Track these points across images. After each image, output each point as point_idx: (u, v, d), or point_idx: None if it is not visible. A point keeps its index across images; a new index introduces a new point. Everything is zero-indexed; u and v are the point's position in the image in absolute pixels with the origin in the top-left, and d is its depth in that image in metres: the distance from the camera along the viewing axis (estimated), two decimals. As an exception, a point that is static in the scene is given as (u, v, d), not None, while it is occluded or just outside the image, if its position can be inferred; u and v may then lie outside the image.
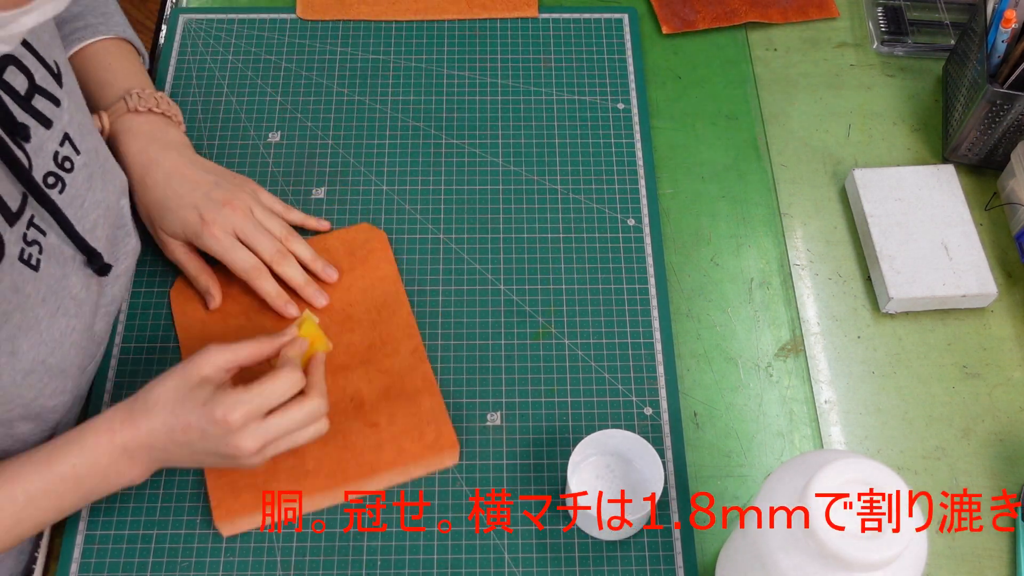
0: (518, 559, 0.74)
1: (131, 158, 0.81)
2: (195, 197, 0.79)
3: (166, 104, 0.84)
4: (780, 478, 0.59)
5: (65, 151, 0.69)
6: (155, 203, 0.80)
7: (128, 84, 0.83)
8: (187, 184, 0.80)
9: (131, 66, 0.86)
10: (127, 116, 0.82)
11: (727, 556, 0.68)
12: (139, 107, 0.82)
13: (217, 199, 0.80)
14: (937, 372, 0.84)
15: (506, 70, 0.99)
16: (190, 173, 0.81)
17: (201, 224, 0.79)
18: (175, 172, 0.80)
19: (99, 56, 0.84)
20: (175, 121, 0.85)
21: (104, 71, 0.83)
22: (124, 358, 0.82)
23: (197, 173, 0.81)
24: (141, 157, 0.80)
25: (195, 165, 0.82)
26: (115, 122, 0.81)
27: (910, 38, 1.02)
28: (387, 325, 0.83)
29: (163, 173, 0.80)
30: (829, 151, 0.96)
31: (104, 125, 0.81)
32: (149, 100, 0.82)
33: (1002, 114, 0.86)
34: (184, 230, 0.79)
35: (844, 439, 0.81)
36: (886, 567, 0.54)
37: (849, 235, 0.91)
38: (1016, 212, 0.89)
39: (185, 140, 0.85)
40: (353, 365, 0.80)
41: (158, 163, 0.80)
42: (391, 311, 0.83)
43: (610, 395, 0.81)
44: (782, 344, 0.85)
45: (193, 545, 0.74)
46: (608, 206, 0.91)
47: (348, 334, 0.82)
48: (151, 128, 0.82)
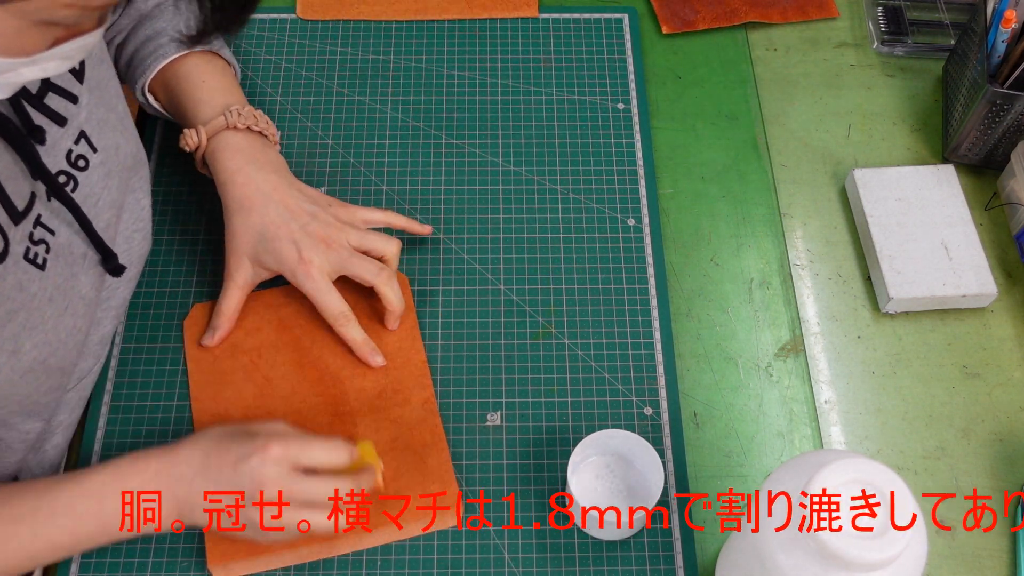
0: (518, 559, 0.74)
1: (229, 175, 0.79)
2: (292, 229, 0.77)
3: (264, 123, 0.82)
4: (780, 478, 0.59)
5: (80, 149, 0.68)
6: (251, 229, 0.78)
7: (226, 100, 0.82)
8: (285, 213, 0.78)
9: (227, 82, 0.84)
10: (226, 133, 0.80)
11: (727, 556, 0.68)
12: (239, 124, 0.80)
13: (315, 234, 0.78)
14: (937, 372, 0.84)
15: (506, 70, 0.99)
16: (289, 200, 0.79)
17: (299, 262, 0.77)
18: (273, 196, 0.78)
19: (192, 72, 0.82)
20: (272, 141, 0.84)
21: (198, 88, 0.82)
22: (124, 358, 0.82)
23: (296, 200, 0.79)
24: (240, 176, 0.79)
25: (293, 188, 0.80)
26: (213, 138, 0.80)
27: (910, 38, 1.02)
28: (400, 372, 0.80)
29: (262, 196, 0.78)
30: (829, 151, 0.96)
31: (201, 140, 0.80)
32: (248, 118, 0.81)
33: (1002, 114, 0.86)
34: (279, 264, 0.78)
35: (844, 439, 0.81)
36: (886, 567, 0.54)
37: (849, 235, 0.91)
38: (1016, 212, 0.89)
39: (283, 161, 0.83)
40: (362, 412, 0.78)
41: (257, 185, 0.78)
42: (405, 357, 0.81)
43: (610, 395, 0.81)
44: (782, 344, 0.85)
45: (193, 545, 0.74)
46: (608, 206, 0.91)
47: (360, 379, 0.80)
48: (250, 146, 0.80)
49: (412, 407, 0.79)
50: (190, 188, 0.91)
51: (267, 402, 0.78)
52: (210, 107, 0.81)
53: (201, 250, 0.87)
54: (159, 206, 0.90)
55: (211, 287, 0.85)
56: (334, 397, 0.79)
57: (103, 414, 0.79)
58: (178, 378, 0.81)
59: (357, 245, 0.80)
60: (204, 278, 0.86)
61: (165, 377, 0.81)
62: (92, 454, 0.78)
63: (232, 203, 0.79)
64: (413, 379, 0.80)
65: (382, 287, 0.79)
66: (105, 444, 0.78)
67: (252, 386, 0.79)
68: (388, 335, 0.82)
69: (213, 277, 0.86)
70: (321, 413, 0.78)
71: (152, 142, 0.93)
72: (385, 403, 0.79)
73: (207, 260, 0.87)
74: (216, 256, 0.87)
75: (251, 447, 0.66)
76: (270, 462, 0.65)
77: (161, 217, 0.89)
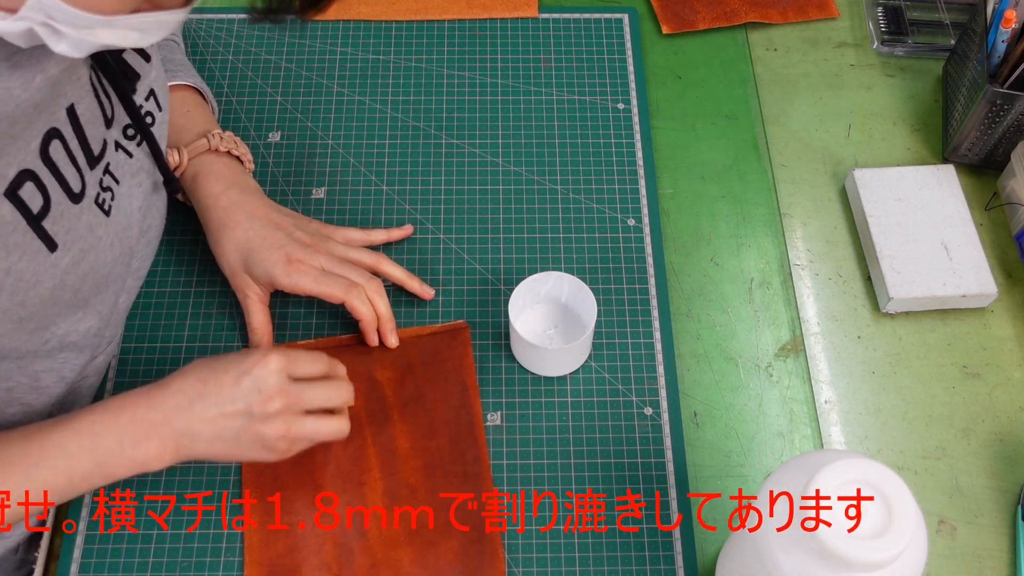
0: (518, 559, 0.74)
1: (213, 199, 0.81)
2: (278, 238, 0.79)
3: (242, 148, 0.85)
4: (780, 478, 0.59)
5: (149, 106, 0.72)
6: (240, 246, 0.80)
7: (205, 127, 0.84)
8: (269, 227, 0.80)
9: (206, 113, 0.87)
10: (207, 156, 0.83)
11: (727, 556, 0.68)
12: (220, 147, 0.83)
13: (301, 240, 0.80)
14: (937, 372, 0.84)
15: (506, 70, 0.99)
16: (272, 215, 0.81)
17: (288, 263, 0.78)
18: (257, 215, 0.80)
19: (176, 103, 0.85)
20: (248, 166, 0.86)
21: (181, 117, 0.84)
22: (124, 358, 0.82)
23: (278, 217, 0.82)
24: (224, 200, 0.81)
25: (273, 209, 0.82)
26: (194, 161, 0.82)
27: (910, 38, 1.02)
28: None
29: (246, 215, 0.80)
30: (829, 151, 0.96)
31: (182, 160, 0.81)
32: (228, 142, 0.83)
33: (1002, 114, 0.86)
34: (270, 271, 0.79)
35: (844, 439, 0.81)
36: (886, 567, 0.54)
37: (849, 235, 0.91)
38: (1016, 212, 0.89)
39: (258, 185, 0.85)
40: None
41: (240, 206, 0.81)
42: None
43: (610, 395, 0.81)
44: (782, 344, 0.85)
45: (193, 545, 0.74)
46: (608, 206, 0.91)
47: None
48: (230, 171, 0.83)
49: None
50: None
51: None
52: (191, 133, 0.83)
53: (201, 251, 0.87)
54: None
55: (210, 287, 0.86)
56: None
57: (103, 414, 0.79)
58: (178, 378, 0.81)
59: (342, 256, 0.82)
60: (204, 278, 0.86)
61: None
62: (92, 454, 0.78)
63: (215, 224, 0.81)
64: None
65: (373, 294, 0.80)
66: (105, 444, 0.78)
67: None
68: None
69: (212, 277, 0.86)
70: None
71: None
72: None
73: (207, 260, 0.87)
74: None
75: (249, 362, 0.68)
76: (272, 372, 0.67)
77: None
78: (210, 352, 0.82)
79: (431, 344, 0.82)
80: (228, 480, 0.77)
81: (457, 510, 0.75)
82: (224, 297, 0.85)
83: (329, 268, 0.80)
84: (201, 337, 0.83)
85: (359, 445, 0.77)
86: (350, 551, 0.73)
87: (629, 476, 0.77)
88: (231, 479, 0.77)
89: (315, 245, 0.81)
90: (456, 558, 0.73)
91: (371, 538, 0.73)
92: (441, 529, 0.74)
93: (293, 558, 0.73)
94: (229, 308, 0.85)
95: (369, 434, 0.78)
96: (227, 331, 0.84)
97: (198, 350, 0.82)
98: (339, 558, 0.73)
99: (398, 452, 0.77)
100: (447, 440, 0.78)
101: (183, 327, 0.84)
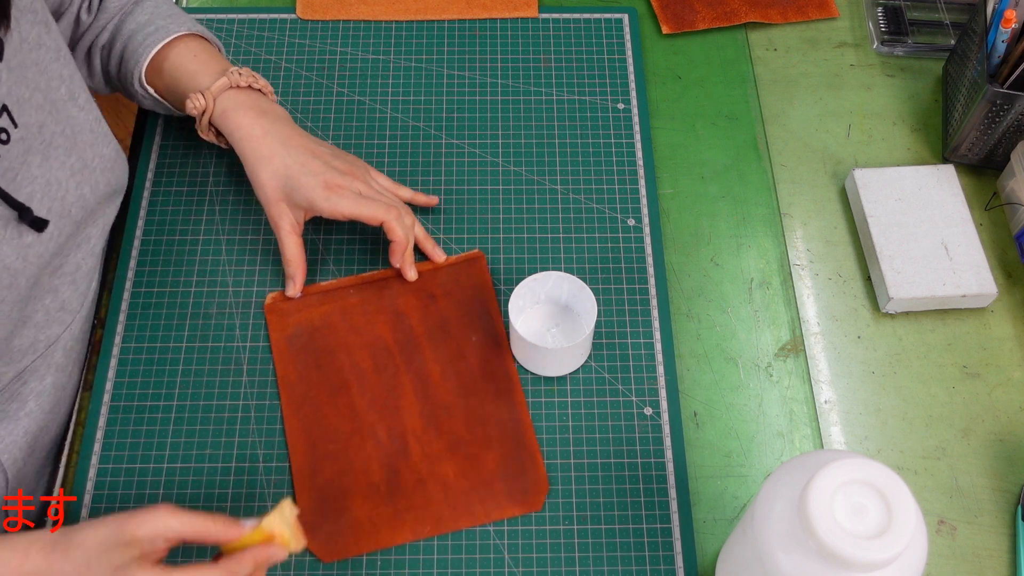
0: (518, 559, 0.74)
1: (246, 131, 0.82)
2: (316, 165, 0.81)
3: (263, 81, 0.86)
4: (780, 478, 0.59)
5: (2, 122, 0.68)
6: (278, 173, 0.81)
7: (220, 67, 0.85)
8: (307, 154, 0.82)
9: (215, 54, 0.88)
10: (230, 92, 0.83)
11: (727, 556, 0.68)
12: (240, 83, 0.83)
13: (338, 168, 0.82)
14: (937, 372, 0.84)
15: (506, 70, 0.99)
16: (306, 143, 0.83)
17: (327, 188, 0.80)
18: (292, 143, 0.82)
19: (182, 51, 0.85)
20: (271, 98, 0.87)
21: (191, 62, 0.85)
22: (124, 358, 0.82)
23: (312, 144, 0.83)
24: (256, 129, 0.82)
25: (307, 138, 0.84)
26: (219, 99, 0.83)
27: (910, 38, 1.02)
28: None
29: (280, 143, 0.82)
30: (829, 151, 0.96)
31: (208, 103, 0.82)
32: (248, 77, 0.84)
33: (1002, 114, 0.86)
34: (310, 196, 0.80)
35: (844, 439, 0.81)
36: (886, 567, 0.54)
37: (849, 235, 0.91)
38: (1016, 212, 0.89)
39: (286, 112, 0.86)
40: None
41: (273, 134, 0.82)
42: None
43: (610, 395, 0.81)
44: (782, 344, 0.85)
45: (193, 545, 0.74)
46: (608, 206, 0.91)
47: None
48: (257, 103, 0.84)
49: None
50: (188, 190, 0.91)
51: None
52: (207, 75, 0.84)
53: (201, 251, 0.87)
54: (157, 207, 0.90)
55: (210, 287, 0.86)
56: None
57: (103, 414, 0.79)
58: (178, 378, 0.81)
59: (379, 186, 0.85)
60: (203, 278, 0.86)
61: (165, 377, 0.81)
62: (92, 454, 0.78)
63: (252, 156, 0.82)
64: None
65: (408, 218, 0.82)
66: (105, 444, 0.78)
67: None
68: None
69: (212, 277, 0.86)
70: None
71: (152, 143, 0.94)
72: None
73: (207, 260, 0.87)
74: (215, 255, 0.87)
75: (128, 557, 0.63)
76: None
77: (160, 218, 0.89)
78: (209, 352, 0.82)
79: (450, 274, 0.86)
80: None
81: (494, 423, 0.78)
82: (224, 297, 0.85)
83: (365, 191, 0.82)
84: (201, 337, 0.83)
85: (392, 374, 0.81)
86: (396, 470, 0.76)
87: (629, 476, 0.77)
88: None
89: (353, 172, 0.83)
90: (498, 467, 0.77)
91: (414, 457, 0.77)
92: (480, 442, 0.78)
93: (342, 482, 0.76)
94: (229, 308, 0.85)
95: (401, 362, 0.81)
96: (227, 331, 0.84)
97: (198, 350, 0.82)
98: (386, 478, 0.76)
99: (430, 377, 0.80)
100: (476, 361, 0.81)
101: (183, 327, 0.84)
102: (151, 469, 0.77)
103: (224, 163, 0.92)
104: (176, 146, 0.94)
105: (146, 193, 0.91)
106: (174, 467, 0.77)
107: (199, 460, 0.78)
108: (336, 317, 0.83)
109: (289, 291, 0.84)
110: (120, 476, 0.77)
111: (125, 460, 0.78)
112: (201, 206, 0.90)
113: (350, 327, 0.83)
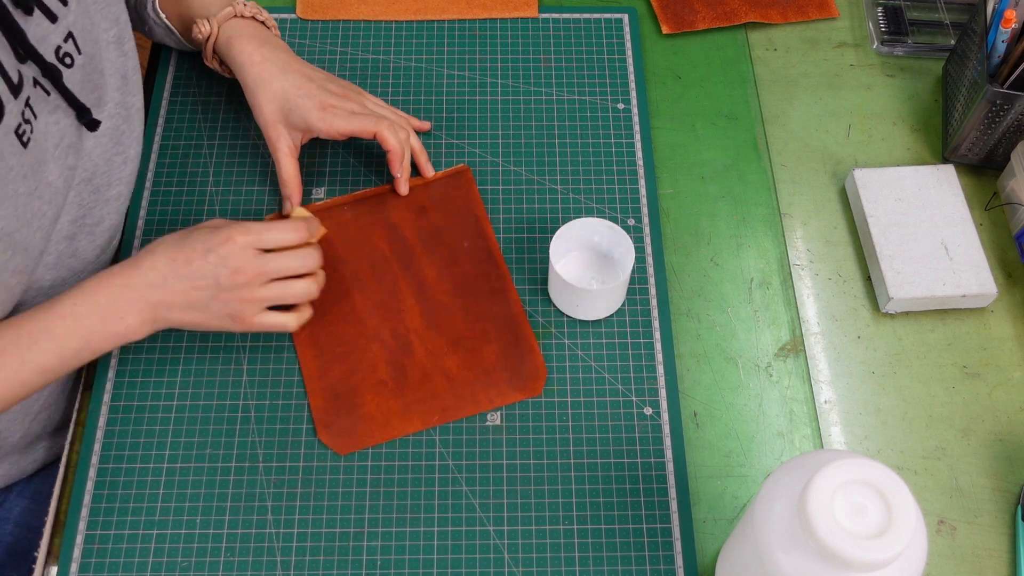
0: (518, 559, 0.74)
1: (247, 56, 0.86)
2: (312, 88, 0.85)
3: (265, 14, 0.90)
4: (780, 478, 0.59)
5: (67, 47, 0.73)
6: (276, 96, 0.85)
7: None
8: (303, 78, 0.86)
9: None
10: (235, 21, 0.87)
11: (727, 556, 0.68)
12: (245, 13, 0.88)
13: (333, 91, 0.86)
14: (937, 372, 0.84)
15: (506, 70, 0.99)
16: (304, 69, 0.87)
17: (322, 108, 0.84)
18: (290, 68, 0.86)
19: None
20: (273, 31, 0.90)
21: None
22: (124, 358, 0.82)
23: (310, 70, 0.87)
24: (257, 56, 0.86)
25: (305, 65, 0.88)
26: (224, 27, 0.87)
27: (910, 38, 1.02)
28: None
29: (280, 69, 0.85)
30: (829, 151, 0.96)
31: (213, 29, 0.87)
32: (252, 8, 0.88)
33: (1002, 114, 0.86)
34: (307, 117, 0.84)
35: (844, 439, 0.81)
36: (886, 567, 0.54)
37: (849, 235, 0.91)
38: (1016, 212, 0.89)
39: (287, 44, 0.90)
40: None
41: (273, 61, 0.86)
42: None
43: (610, 395, 0.81)
44: (782, 344, 0.85)
45: (193, 545, 0.74)
46: (608, 206, 0.91)
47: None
48: (259, 32, 0.88)
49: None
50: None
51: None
52: (216, 4, 0.89)
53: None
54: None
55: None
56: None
57: (103, 414, 0.79)
58: (178, 377, 0.81)
59: (373, 106, 0.89)
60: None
61: (165, 377, 0.81)
62: (92, 453, 0.78)
63: (252, 80, 0.85)
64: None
65: (401, 130, 0.87)
66: (105, 444, 0.78)
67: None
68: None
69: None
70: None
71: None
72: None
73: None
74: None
75: (217, 239, 0.73)
76: (238, 248, 0.73)
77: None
78: (209, 351, 0.82)
79: (439, 187, 0.91)
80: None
81: (491, 319, 0.83)
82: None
83: (360, 110, 0.86)
84: (201, 336, 0.83)
85: (391, 280, 0.86)
86: (402, 367, 0.81)
87: (629, 476, 0.77)
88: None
89: (348, 95, 0.87)
90: (497, 358, 0.82)
91: (418, 353, 0.82)
92: (479, 337, 0.83)
93: (351, 380, 0.81)
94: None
95: (398, 269, 0.86)
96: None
97: (198, 349, 0.82)
98: (393, 374, 0.81)
99: (427, 280, 0.85)
100: (470, 265, 0.86)
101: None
102: (151, 469, 0.77)
103: (224, 163, 0.92)
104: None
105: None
106: (174, 467, 0.77)
107: (199, 460, 0.78)
108: (333, 233, 0.88)
109: (285, 210, 0.87)
110: (120, 476, 0.77)
111: (125, 460, 0.78)
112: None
113: (347, 241, 0.87)
